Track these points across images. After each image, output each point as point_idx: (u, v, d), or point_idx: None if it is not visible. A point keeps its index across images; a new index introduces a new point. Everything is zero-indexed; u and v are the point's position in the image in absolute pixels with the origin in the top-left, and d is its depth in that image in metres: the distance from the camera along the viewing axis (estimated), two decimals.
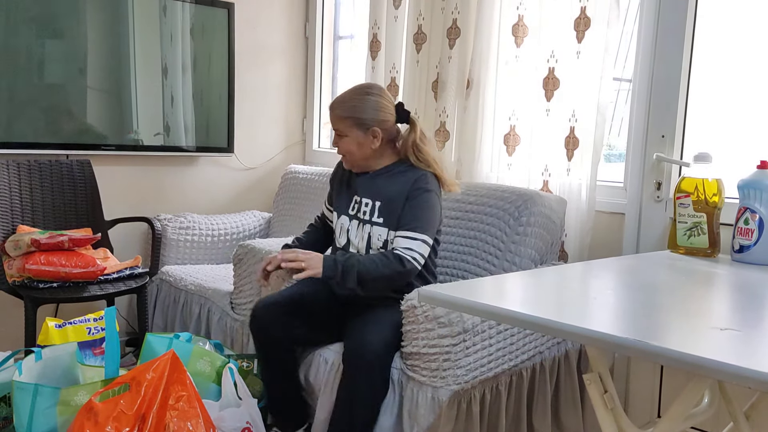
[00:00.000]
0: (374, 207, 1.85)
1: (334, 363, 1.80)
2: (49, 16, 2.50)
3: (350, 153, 1.86)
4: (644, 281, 1.49)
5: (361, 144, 1.84)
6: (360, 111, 1.83)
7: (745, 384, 0.85)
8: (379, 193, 1.85)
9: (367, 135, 1.83)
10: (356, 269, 1.71)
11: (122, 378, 1.54)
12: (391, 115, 1.86)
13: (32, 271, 2.12)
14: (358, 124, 1.83)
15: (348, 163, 1.90)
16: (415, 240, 1.76)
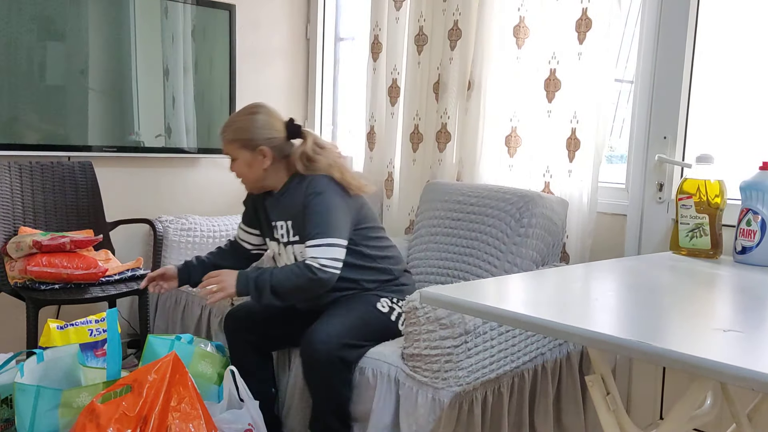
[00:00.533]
0: (288, 227, 1.87)
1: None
2: (50, 17, 2.50)
3: (243, 175, 1.87)
4: (646, 283, 1.49)
5: (251, 165, 1.84)
6: (245, 132, 1.83)
7: (748, 386, 0.85)
8: (287, 212, 1.86)
9: (255, 155, 1.83)
10: (269, 283, 1.73)
11: (124, 380, 1.54)
12: (278, 132, 1.86)
13: (34, 273, 2.12)
14: (244, 146, 1.83)
15: (246, 186, 1.93)
16: (320, 246, 1.74)
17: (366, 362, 1.79)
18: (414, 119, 2.57)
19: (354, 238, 1.85)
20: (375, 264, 1.90)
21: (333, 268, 1.74)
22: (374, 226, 1.93)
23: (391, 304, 1.89)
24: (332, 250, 1.74)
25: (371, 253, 1.89)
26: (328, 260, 1.73)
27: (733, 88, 2.02)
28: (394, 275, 1.94)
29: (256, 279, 1.74)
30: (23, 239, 2.15)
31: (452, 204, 2.22)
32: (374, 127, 2.76)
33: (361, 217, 1.88)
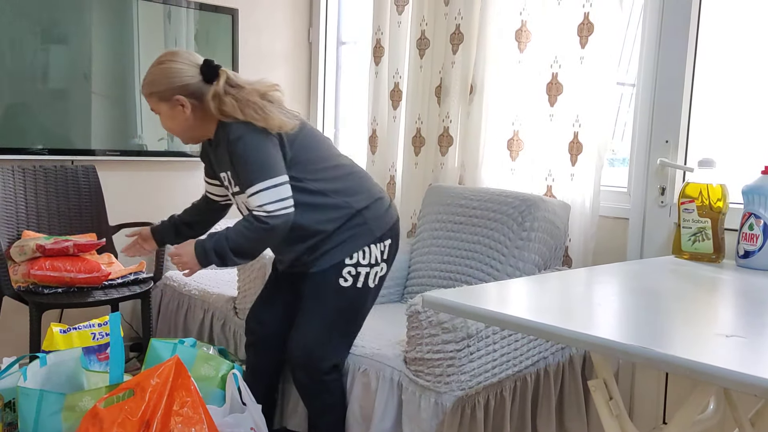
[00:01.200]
0: (229, 177, 1.75)
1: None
2: (53, 21, 2.51)
3: (170, 129, 1.76)
4: (649, 287, 1.49)
5: (173, 117, 1.71)
6: (156, 84, 1.69)
7: (751, 392, 0.85)
8: (224, 163, 1.74)
9: (173, 107, 1.70)
10: (228, 247, 1.65)
11: (127, 384, 1.54)
12: (192, 77, 1.69)
13: (37, 277, 2.13)
14: (160, 98, 1.70)
15: (181, 140, 1.81)
16: (260, 192, 1.63)
17: (369, 365, 1.79)
18: (416, 123, 2.58)
19: (294, 175, 1.69)
20: (327, 200, 1.74)
21: (283, 209, 1.63)
22: (318, 155, 1.76)
23: (356, 269, 1.76)
24: (274, 191, 1.63)
25: (319, 187, 1.73)
26: (273, 204, 1.62)
27: (735, 91, 2.02)
28: (353, 208, 1.76)
29: (214, 248, 1.65)
30: (27, 243, 2.16)
31: (454, 208, 2.22)
32: (376, 131, 2.77)
33: (297, 149, 1.72)
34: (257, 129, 1.65)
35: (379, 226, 1.79)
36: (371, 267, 1.79)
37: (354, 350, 1.84)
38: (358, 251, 1.77)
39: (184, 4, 2.82)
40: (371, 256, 1.79)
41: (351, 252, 1.76)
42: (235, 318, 2.30)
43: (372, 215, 1.79)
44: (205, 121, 1.72)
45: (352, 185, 1.79)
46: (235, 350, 2.28)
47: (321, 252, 1.77)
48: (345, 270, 1.76)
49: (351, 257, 1.77)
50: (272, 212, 1.62)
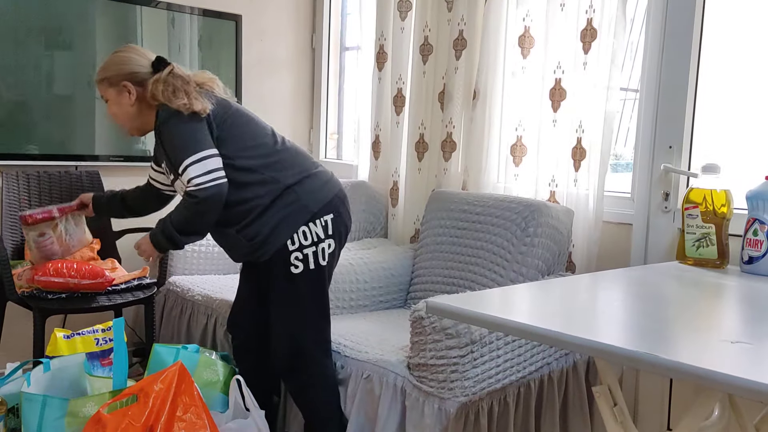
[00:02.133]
0: (166, 168, 1.81)
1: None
2: (57, 28, 2.53)
3: (115, 115, 1.82)
4: (653, 293, 1.48)
5: (119, 104, 1.79)
6: (108, 70, 1.79)
7: (757, 398, 0.84)
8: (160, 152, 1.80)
9: (120, 92, 1.78)
10: (172, 227, 1.73)
11: (130, 389, 1.54)
12: (141, 67, 1.78)
13: (41, 282, 2.13)
14: (110, 84, 1.79)
15: (129, 131, 1.86)
16: (187, 168, 1.66)
17: (372, 371, 1.79)
18: (419, 128, 2.58)
19: (225, 153, 1.72)
20: (253, 176, 1.74)
21: (212, 181, 1.65)
22: (246, 133, 1.78)
23: (301, 252, 1.76)
24: (200, 165, 1.65)
25: (245, 164, 1.74)
26: (201, 177, 1.65)
27: (738, 97, 2.02)
28: (281, 183, 1.75)
29: (162, 230, 1.75)
30: (27, 237, 2.15)
31: (458, 213, 2.22)
32: (379, 136, 2.77)
33: (225, 128, 1.74)
34: (182, 114, 1.69)
35: (315, 201, 1.77)
36: (316, 245, 1.77)
37: (357, 356, 1.84)
38: (297, 232, 1.75)
39: (188, 11, 2.83)
40: (312, 234, 1.76)
41: (290, 233, 1.74)
42: None
43: (305, 190, 1.77)
44: (149, 111, 1.78)
45: (281, 160, 1.79)
46: None
47: (259, 237, 1.75)
48: (292, 257, 1.75)
49: (293, 241, 1.75)
50: (201, 185, 1.65)
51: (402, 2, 2.63)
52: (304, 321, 1.81)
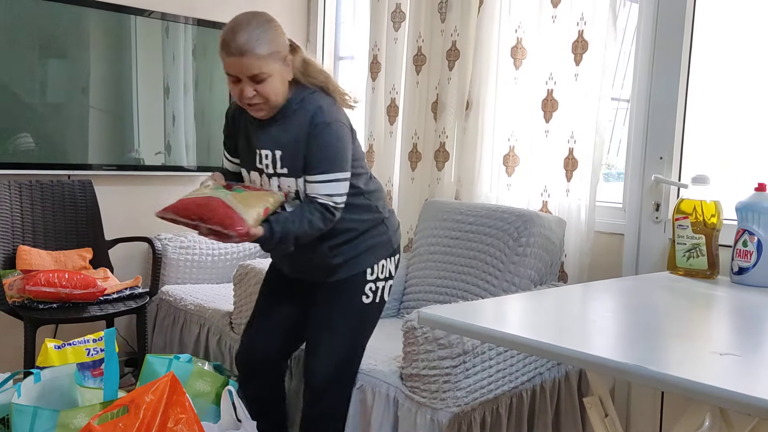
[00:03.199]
0: (275, 158, 1.64)
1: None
2: (52, 36, 2.53)
3: (275, 94, 1.59)
4: (644, 303, 1.49)
5: (284, 79, 1.60)
6: (276, 42, 1.57)
7: (745, 411, 0.85)
8: (277, 142, 1.64)
9: (286, 66, 1.60)
10: (292, 233, 1.59)
11: (121, 400, 1.53)
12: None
13: (32, 292, 2.12)
14: (279, 58, 1.58)
15: (264, 110, 1.61)
16: (331, 182, 1.60)
17: (365, 381, 1.78)
18: (413, 138, 2.59)
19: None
20: (362, 200, 1.72)
21: (342, 204, 1.63)
22: (359, 152, 1.74)
23: (375, 284, 1.76)
24: (342, 184, 1.61)
25: (363, 187, 1.72)
26: (341, 197, 1.61)
27: (728, 108, 2.04)
28: (381, 215, 1.77)
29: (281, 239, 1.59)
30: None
31: (451, 223, 2.23)
32: (373, 146, 2.78)
33: (354, 145, 1.69)
34: (343, 119, 1.64)
35: (396, 239, 1.82)
36: (386, 281, 1.80)
37: None
38: (377, 264, 1.76)
39: (182, 20, 2.84)
40: (386, 270, 1.79)
41: (372, 263, 1.75)
42: (231, 333, 2.29)
43: (392, 227, 1.81)
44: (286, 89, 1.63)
45: (377, 189, 1.79)
46: (230, 366, 2.27)
47: (344, 257, 1.73)
48: (367, 287, 1.76)
49: (372, 271, 1.75)
50: (338, 204, 1.61)
51: (396, 13, 2.64)
52: (355, 351, 1.78)
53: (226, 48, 1.55)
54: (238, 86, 1.58)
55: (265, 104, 1.60)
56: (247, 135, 1.71)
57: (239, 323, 2.26)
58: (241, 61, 1.53)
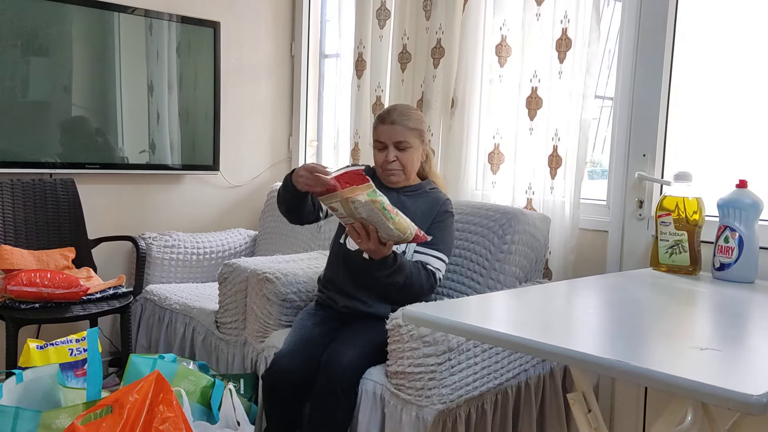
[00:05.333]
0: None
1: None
2: (34, 33, 2.50)
3: (411, 165, 1.91)
4: (627, 300, 1.51)
5: (417, 154, 1.92)
6: (423, 123, 1.93)
7: (725, 405, 0.86)
8: (407, 211, 1.83)
9: (423, 148, 1.94)
10: (406, 273, 1.76)
11: (105, 400, 1.51)
12: None
13: (14, 293, 2.10)
14: (420, 137, 1.91)
15: (400, 177, 1.91)
16: (442, 261, 1.86)
17: None
18: None
19: None
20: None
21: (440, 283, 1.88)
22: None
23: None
24: (445, 267, 1.88)
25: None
26: (442, 275, 1.87)
27: (710, 106, 2.06)
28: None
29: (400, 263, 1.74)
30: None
31: None
32: (358, 144, 2.78)
33: None
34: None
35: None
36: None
37: None
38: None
39: (166, 17, 2.82)
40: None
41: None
42: (217, 332, 2.28)
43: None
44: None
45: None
46: (216, 364, 2.26)
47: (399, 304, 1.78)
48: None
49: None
50: (440, 278, 1.86)
51: (381, 10, 2.64)
52: (371, 355, 1.78)
53: (381, 119, 1.90)
54: (383, 153, 1.89)
55: (401, 171, 1.90)
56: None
57: (225, 322, 2.25)
58: (393, 129, 1.86)
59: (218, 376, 1.97)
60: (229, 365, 2.21)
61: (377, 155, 1.91)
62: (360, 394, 1.75)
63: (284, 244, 2.79)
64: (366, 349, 1.77)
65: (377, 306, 1.88)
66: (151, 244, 2.68)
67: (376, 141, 1.90)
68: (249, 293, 2.15)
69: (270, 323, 2.05)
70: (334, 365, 1.72)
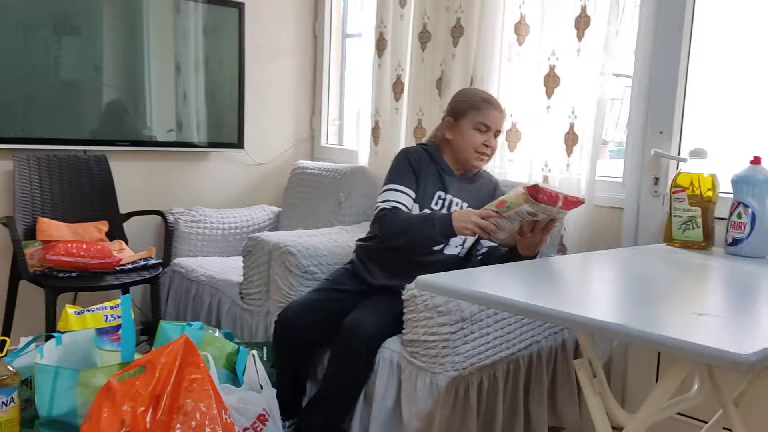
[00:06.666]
0: (461, 207, 1.97)
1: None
2: (66, 14, 2.59)
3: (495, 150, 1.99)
4: (637, 272, 1.55)
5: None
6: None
7: (715, 363, 0.91)
8: (471, 197, 1.98)
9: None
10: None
11: (138, 361, 1.61)
12: None
13: (52, 262, 2.21)
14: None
15: (486, 163, 2.01)
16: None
17: None
18: (417, 114, 2.63)
19: None
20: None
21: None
22: None
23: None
24: None
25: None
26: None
27: (727, 84, 2.06)
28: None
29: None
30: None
31: None
32: (379, 122, 2.83)
33: None
34: None
35: None
36: None
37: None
38: None
39: None
40: None
41: None
42: (241, 302, 2.38)
43: None
44: None
45: None
46: (240, 333, 2.36)
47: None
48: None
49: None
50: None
51: None
52: (390, 326, 1.84)
53: (491, 103, 1.95)
54: (484, 135, 1.93)
55: (489, 159, 1.98)
56: (441, 179, 1.97)
57: (248, 293, 2.34)
58: (501, 116, 1.96)
59: (242, 344, 2.06)
60: (252, 334, 2.30)
61: (476, 136, 1.92)
62: (377, 362, 1.82)
63: (306, 220, 2.87)
64: (386, 320, 1.85)
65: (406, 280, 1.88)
66: (178, 218, 2.78)
67: (480, 123, 1.92)
68: (271, 265, 2.23)
69: (292, 294, 2.14)
70: (356, 331, 1.80)
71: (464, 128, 1.93)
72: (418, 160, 1.96)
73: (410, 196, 1.93)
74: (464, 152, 1.95)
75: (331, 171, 2.88)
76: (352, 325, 1.82)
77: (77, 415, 1.60)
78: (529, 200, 1.58)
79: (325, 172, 2.91)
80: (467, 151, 1.94)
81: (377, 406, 1.79)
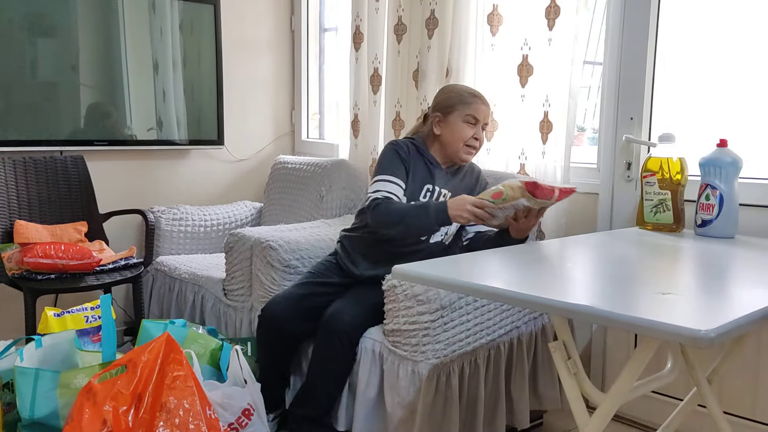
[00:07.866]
0: (446, 198, 1.97)
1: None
2: (40, 14, 2.57)
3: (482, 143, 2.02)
4: (609, 255, 1.58)
5: None
6: None
7: (677, 340, 0.94)
8: (456, 187, 2.00)
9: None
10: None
11: (119, 361, 1.62)
12: None
13: (31, 264, 2.20)
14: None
15: (474, 156, 2.02)
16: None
17: None
18: (395, 106, 2.65)
19: None
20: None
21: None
22: None
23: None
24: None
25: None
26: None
27: (694, 69, 2.10)
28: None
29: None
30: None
31: None
32: (358, 115, 2.84)
33: None
34: None
35: None
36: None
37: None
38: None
39: None
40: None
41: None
42: (225, 299, 2.38)
43: None
44: None
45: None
46: (224, 329, 2.37)
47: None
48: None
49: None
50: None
51: None
52: (371, 317, 1.87)
53: (479, 97, 1.98)
54: (473, 128, 1.96)
55: (478, 150, 2.00)
56: (428, 171, 1.99)
57: (232, 289, 2.35)
58: (488, 110, 1.99)
59: (226, 340, 2.07)
60: (236, 330, 2.31)
61: (465, 129, 1.94)
62: (360, 352, 1.85)
63: (288, 215, 2.88)
64: (366, 310, 1.87)
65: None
66: (159, 217, 2.78)
67: (469, 116, 1.94)
68: (253, 261, 2.24)
69: (274, 289, 2.15)
70: (337, 321, 1.82)
71: (453, 122, 1.95)
72: (407, 152, 1.98)
73: (401, 186, 1.93)
74: (454, 146, 1.96)
75: (312, 165, 2.89)
76: (333, 315, 1.84)
77: (59, 416, 1.60)
78: (526, 195, 1.64)
79: (306, 166, 2.92)
80: (457, 144, 1.95)
81: (361, 397, 1.81)
